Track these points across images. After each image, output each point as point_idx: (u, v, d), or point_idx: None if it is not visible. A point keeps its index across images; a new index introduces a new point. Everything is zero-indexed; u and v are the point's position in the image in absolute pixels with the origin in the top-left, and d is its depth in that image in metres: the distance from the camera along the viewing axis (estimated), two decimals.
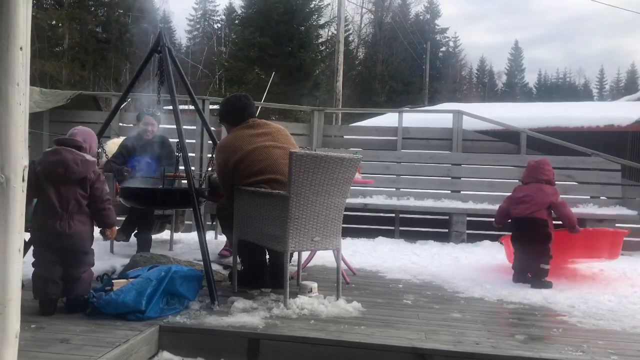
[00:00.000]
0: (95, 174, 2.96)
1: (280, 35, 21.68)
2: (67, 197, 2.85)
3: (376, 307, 3.26)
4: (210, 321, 2.79)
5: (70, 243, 2.86)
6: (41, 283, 2.83)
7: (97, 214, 2.99)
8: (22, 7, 1.53)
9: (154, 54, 3.88)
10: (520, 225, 4.30)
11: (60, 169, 2.84)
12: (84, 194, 2.91)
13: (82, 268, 2.91)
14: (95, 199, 2.95)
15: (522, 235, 4.28)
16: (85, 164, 2.90)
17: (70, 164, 2.85)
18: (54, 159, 2.86)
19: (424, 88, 34.81)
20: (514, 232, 4.38)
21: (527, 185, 4.40)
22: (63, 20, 23.52)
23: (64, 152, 2.89)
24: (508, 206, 4.43)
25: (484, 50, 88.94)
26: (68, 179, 2.85)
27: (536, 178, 4.38)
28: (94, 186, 2.94)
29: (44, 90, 6.73)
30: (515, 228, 4.37)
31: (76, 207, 2.88)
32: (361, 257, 5.06)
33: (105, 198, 2.98)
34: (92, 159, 3.00)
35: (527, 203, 4.26)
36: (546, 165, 4.43)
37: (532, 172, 4.43)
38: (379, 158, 7.11)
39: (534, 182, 4.37)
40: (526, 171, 4.52)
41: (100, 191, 2.96)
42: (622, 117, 11.47)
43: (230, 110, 3.79)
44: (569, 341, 2.73)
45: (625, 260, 5.48)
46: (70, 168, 2.84)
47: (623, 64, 77.41)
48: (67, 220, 2.84)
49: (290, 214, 3.08)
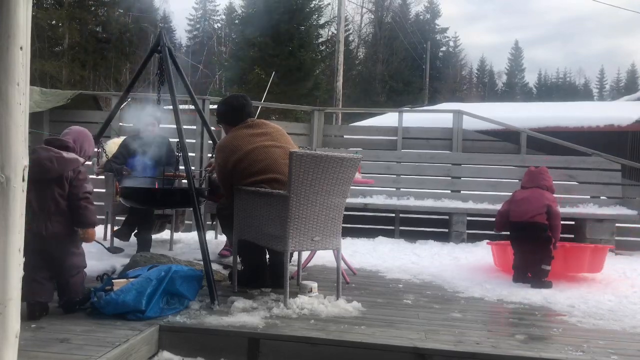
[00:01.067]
0: (75, 172, 2.83)
1: (281, 35, 21.65)
2: (44, 197, 2.74)
3: (376, 307, 3.26)
4: (211, 321, 2.79)
5: (50, 244, 2.76)
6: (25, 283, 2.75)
7: (74, 212, 2.83)
8: (22, 7, 1.53)
9: (154, 54, 3.88)
10: (521, 229, 4.28)
11: (35, 167, 2.61)
12: (62, 193, 2.79)
13: (70, 272, 2.84)
14: (71, 196, 2.81)
15: (523, 239, 4.26)
16: (61, 162, 2.77)
17: (44, 161, 2.71)
18: (30, 159, 2.80)
19: (424, 88, 34.79)
20: (514, 235, 4.35)
21: (527, 190, 4.40)
22: (63, 20, 23.52)
23: (40, 150, 2.78)
24: (508, 209, 4.41)
25: (484, 50, 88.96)
26: (42, 178, 2.72)
27: (537, 183, 4.38)
28: (72, 184, 2.81)
29: (44, 90, 6.72)
30: (515, 231, 4.35)
31: (54, 207, 2.76)
32: (361, 257, 5.06)
33: (82, 196, 2.83)
34: (72, 156, 2.86)
35: (528, 206, 4.25)
36: (546, 172, 4.47)
37: (533, 177, 4.44)
38: (379, 158, 7.10)
39: (535, 187, 4.37)
40: (527, 176, 4.52)
41: (78, 188, 2.82)
42: (622, 117, 11.48)
43: (229, 110, 3.79)
44: (569, 341, 2.73)
45: (625, 260, 5.48)
46: (44, 166, 2.71)
47: (623, 63, 77.37)
48: (44, 222, 2.73)
49: (291, 213, 3.08)
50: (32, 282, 2.70)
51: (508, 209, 4.42)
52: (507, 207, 4.46)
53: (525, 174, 4.57)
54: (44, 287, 2.78)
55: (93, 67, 24.64)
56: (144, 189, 4.22)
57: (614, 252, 5.92)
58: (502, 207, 4.53)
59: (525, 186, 4.45)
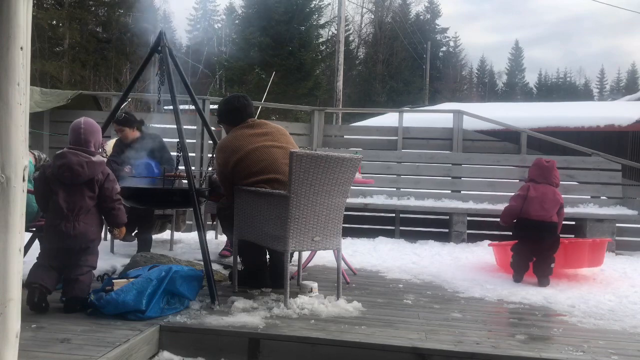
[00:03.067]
0: (104, 174, 2.98)
1: (281, 35, 21.65)
2: (74, 199, 2.88)
3: (376, 307, 3.26)
4: (211, 321, 2.79)
5: (74, 242, 2.88)
6: (36, 269, 2.86)
7: (107, 214, 3.03)
8: (23, 7, 1.53)
9: (155, 54, 3.87)
10: (536, 228, 4.20)
11: (67, 172, 2.86)
12: (92, 195, 2.94)
13: (82, 269, 2.92)
14: (104, 199, 2.98)
15: (538, 238, 4.20)
16: (91, 166, 2.92)
17: (75, 167, 2.87)
18: (60, 163, 2.88)
19: (425, 88, 34.79)
20: (528, 234, 4.23)
21: (541, 186, 4.27)
22: (63, 20, 23.55)
23: (69, 155, 2.90)
24: (520, 205, 4.27)
25: (485, 50, 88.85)
26: (74, 182, 2.88)
27: (548, 180, 4.30)
28: (104, 186, 2.96)
29: (44, 90, 6.73)
30: (530, 229, 4.23)
31: (83, 208, 2.90)
32: (361, 257, 5.06)
33: (115, 197, 3.01)
34: (100, 159, 3.00)
35: (545, 206, 4.20)
36: (556, 169, 4.37)
37: (545, 172, 4.32)
38: (379, 158, 7.10)
39: (546, 183, 4.28)
40: (537, 170, 4.36)
41: (110, 191, 2.98)
42: (623, 117, 11.47)
43: (230, 110, 3.79)
44: (569, 341, 2.73)
45: (625, 260, 5.48)
46: (76, 171, 2.86)
47: (623, 63, 77.29)
48: (72, 222, 2.86)
49: (291, 213, 3.08)
50: (39, 266, 2.87)
51: (521, 205, 4.27)
52: (519, 203, 4.28)
53: (536, 166, 4.39)
54: (49, 274, 2.87)
55: (93, 67, 24.64)
56: (144, 189, 4.21)
57: (614, 252, 5.93)
58: (514, 202, 4.34)
59: (537, 180, 4.31)
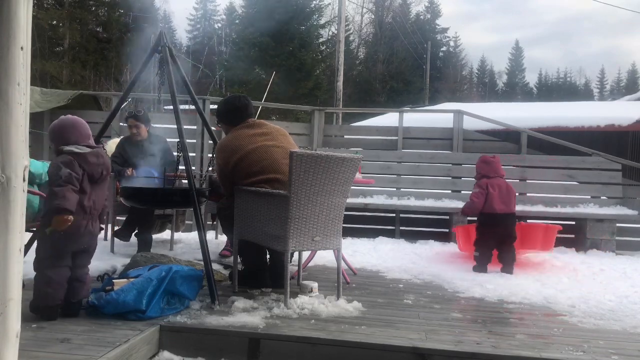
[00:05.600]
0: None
1: (281, 35, 21.67)
2: (99, 198, 2.87)
3: (377, 307, 3.26)
4: (211, 321, 2.79)
5: (92, 241, 2.87)
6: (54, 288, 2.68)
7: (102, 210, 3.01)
8: (23, 7, 1.53)
9: (155, 54, 3.87)
10: (503, 220, 4.54)
11: (105, 171, 2.85)
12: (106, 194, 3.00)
13: (86, 269, 2.91)
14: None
15: (506, 229, 4.53)
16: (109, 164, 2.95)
17: (109, 166, 2.89)
18: (97, 161, 2.80)
19: (425, 88, 34.80)
20: (494, 227, 4.53)
21: (494, 180, 4.61)
22: (64, 20, 23.56)
23: (103, 154, 2.89)
24: (483, 201, 4.55)
25: (485, 50, 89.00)
26: (104, 180, 2.89)
27: (498, 173, 4.66)
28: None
29: (44, 90, 6.73)
30: (499, 222, 4.54)
31: (102, 206, 2.92)
32: (362, 257, 5.06)
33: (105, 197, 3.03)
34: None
35: (506, 199, 4.55)
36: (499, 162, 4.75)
37: (495, 166, 4.69)
38: (379, 158, 7.10)
39: (498, 176, 4.63)
40: (487, 165, 4.70)
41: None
42: (623, 117, 11.48)
43: (230, 110, 3.79)
44: (569, 341, 2.72)
45: (625, 260, 5.48)
46: (108, 170, 2.88)
47: (623, 63, 77.32)
48: (95, 220, 2.85)
49: (291, 213, 3.08)
50: (74, 281, 2.78)
51: (483, 201, 4.55)
52: (482, 200, 4.56)
53: (484, 162, 4.73)
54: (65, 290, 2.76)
55: (93, 67, 24.65)
56: (144, 189, 4.22)
57: (614, 252, 5.93)
58: (476, 198, 4.58)
59: (489, 175, 4.63)
